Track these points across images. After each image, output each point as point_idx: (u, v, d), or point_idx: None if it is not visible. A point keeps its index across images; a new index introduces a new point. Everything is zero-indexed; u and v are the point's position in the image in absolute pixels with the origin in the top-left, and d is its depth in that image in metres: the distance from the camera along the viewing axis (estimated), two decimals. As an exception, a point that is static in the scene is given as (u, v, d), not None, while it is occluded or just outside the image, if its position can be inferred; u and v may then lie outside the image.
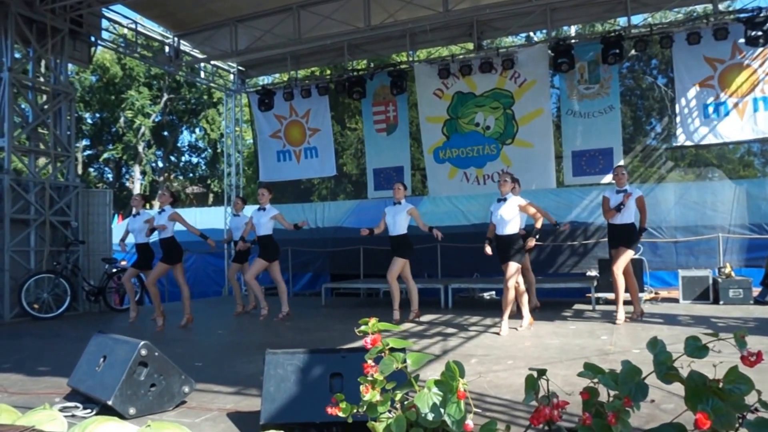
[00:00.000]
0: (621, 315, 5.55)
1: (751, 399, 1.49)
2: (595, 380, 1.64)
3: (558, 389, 1.77)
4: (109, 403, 2.92)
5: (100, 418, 2.37)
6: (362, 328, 1.61)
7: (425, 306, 7.64)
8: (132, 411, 2.97)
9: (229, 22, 8.95)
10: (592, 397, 1.61)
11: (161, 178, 25.24)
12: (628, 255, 5.56)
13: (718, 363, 1.50)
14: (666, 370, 1.48)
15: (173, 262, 6.27)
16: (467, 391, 1.65)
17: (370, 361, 1.61)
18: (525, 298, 5.49)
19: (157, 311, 6.41)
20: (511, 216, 5.18)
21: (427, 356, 1.86)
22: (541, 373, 1.69)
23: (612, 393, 1.64)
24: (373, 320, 1.62)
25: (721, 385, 1.34)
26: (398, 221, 6.16)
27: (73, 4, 7.76)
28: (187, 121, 24.99)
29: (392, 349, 1.63)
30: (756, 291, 6.90)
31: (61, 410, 2.80)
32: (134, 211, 7.06)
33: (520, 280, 5.51)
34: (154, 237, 6.50)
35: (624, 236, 5.56)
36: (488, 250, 5.36)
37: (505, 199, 5.27)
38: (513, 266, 5.12)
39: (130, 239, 7.03)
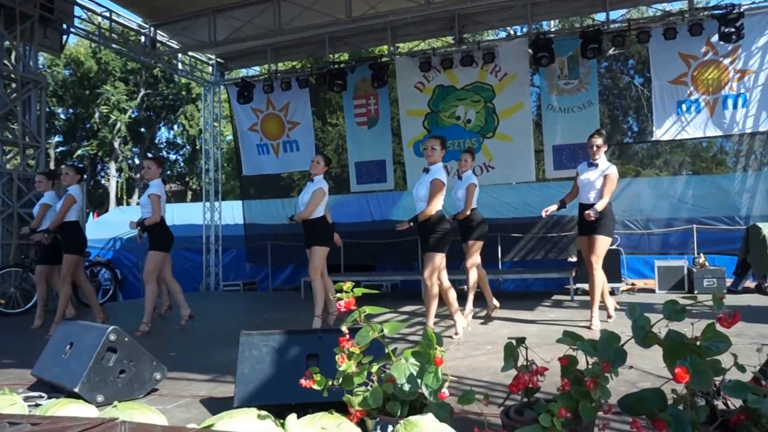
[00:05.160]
0: (597, 321, 4.66)
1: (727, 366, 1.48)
2: (574, 347, 1.62)
3: (537, 361, 1.74)
4: (76, 390, 2.81)
5: (63, 401, 2.27)
6: (339, 295, 1.56)
7: (406, 298, 7.60)
8: (100, 398, 2.87)
9: (207, 12, 8.75)
10: (571, 364, 1.59)
11: (138, 175, 24.76)
12: (604, 243, 4.67)
13: (696, 321, 1.49)
14: (644, 333, 1.46)
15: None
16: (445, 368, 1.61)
17: (344, 329, 1.56)
18: (452, 295, 4.50)
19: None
20: (424, 194, 4.27)
21: (403, 325, 1.82)
22: (521, 341, 1.66)
23: (591, 361, 1.62)
24: (348, 284, 1.57)
25: (698, 343, 1.33)
26: (305, 202, 5.20)
27: (43, -11, 7.51)
28: (165, 117, 24.59)
29: (368, 316, 1.59)
30: (729, 281, 7.07)
31: (24, 400, 2.68)
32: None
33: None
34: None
35: (597, 220, 4.60)
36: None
37: (428, 170, 4.29)
38: (428, 257, 4.36)
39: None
